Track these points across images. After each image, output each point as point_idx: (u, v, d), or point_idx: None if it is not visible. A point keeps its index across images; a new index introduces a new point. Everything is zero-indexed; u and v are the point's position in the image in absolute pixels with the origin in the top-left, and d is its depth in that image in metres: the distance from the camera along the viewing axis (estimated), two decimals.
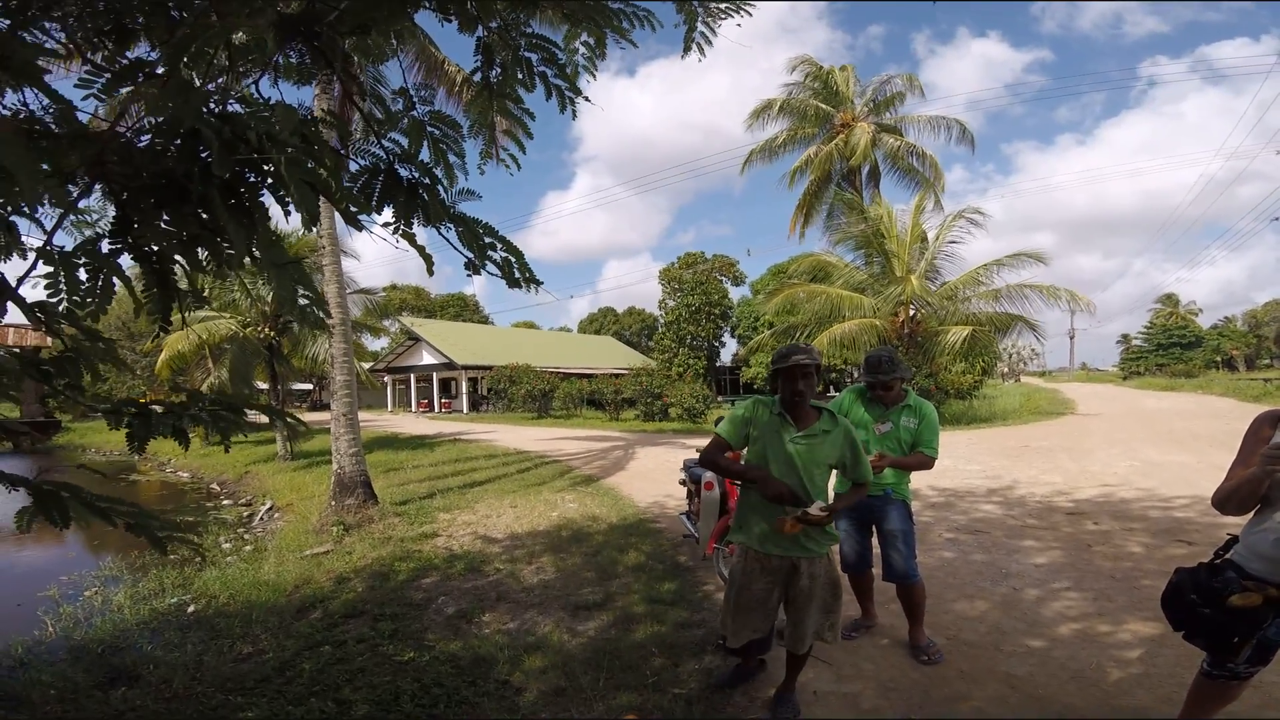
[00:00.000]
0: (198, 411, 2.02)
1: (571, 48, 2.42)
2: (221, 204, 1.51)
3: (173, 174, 1.52)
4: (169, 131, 1.50)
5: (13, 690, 3.95)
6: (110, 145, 1.49)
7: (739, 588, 2.88)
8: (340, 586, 5.48)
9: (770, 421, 2.86)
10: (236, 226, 1.54)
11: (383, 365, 38.06)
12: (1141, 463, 9.85)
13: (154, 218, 1.59)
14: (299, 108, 1.82)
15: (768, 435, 2.84)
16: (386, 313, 25.05)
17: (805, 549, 2.82)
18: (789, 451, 2.80)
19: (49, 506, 1.62)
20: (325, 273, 8.92)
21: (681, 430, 20.05)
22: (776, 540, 2.80)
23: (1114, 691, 3.14)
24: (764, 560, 2.85)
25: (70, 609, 5.60)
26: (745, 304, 41.34)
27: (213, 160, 1.41)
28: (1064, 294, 16.88)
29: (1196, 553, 5.01)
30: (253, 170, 1.63)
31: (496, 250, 2.03)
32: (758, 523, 2.86)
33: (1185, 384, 36.25)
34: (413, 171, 2.03)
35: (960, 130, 22.49)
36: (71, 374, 1.92)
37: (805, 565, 2.83)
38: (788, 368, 2.81)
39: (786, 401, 2.85)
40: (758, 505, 2.85)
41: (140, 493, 14.28)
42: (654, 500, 8.49)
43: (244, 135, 1.48)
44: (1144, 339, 63.66)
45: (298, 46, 1.99)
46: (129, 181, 1.57)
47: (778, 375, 2.88)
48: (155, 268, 1.73)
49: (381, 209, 2.00)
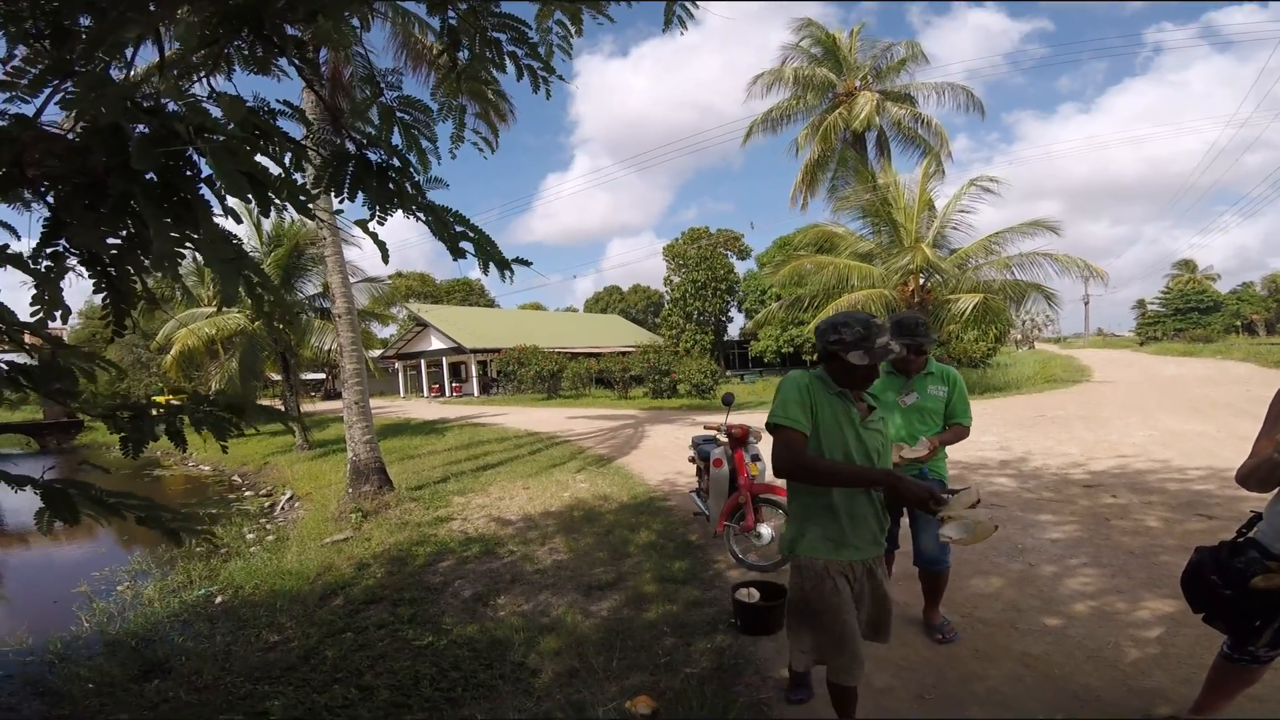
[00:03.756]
0: (195, 413, 2.05)
1: (544, 26, 2.35)
2: (146, 201, 1.47)
3: (96, 172, 1.49)
4: (92, 129, 1.46)
5: (53, 685, 4.10)
6: (32, 145, 1.46)
7: (834, 610, 2.28)
8: (360, 572, 5.58)
9: (832, 404, 2.31)
10: (159, 225, 1.48)
11: (392, 352, 38.25)
12: (1160, 432, 9.74)
13: (87, 219, 1.55)
14: (256, 100, 1.78)
15: (832, 420, 2.29)
16: (393, 300, 25.07)
17: (880, 545, 2.41)
18: (864, 440, 2.31)
19: (58, 504, 1.63)
20: (328, 263, 8.95)
21: (690, 406, 20.07)
22: (858, 543, 2.31)
23: (1131, 672, 3.10)
24: (849, 570, 2.32)
25: (103, 604, 5.74)
26: (751, 277, 41.08)
27: (133, 153, 1.37)
28: (1078, 264, 16.66)
29: (1217, 528, 4.94)
30: (188, 165, 1.59)
31: (468, 237, 2.01)
32: (835, 527, 2.30)
33: (1204, 349, 35.75)
34: (383, 155, 2.00)
35: (967, 96, 22.00)
36: (61, 379, 1.94)
37: (877, 564, 2.42)
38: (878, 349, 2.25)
39: (861, 382, 2.34)
40: (836, 506, 2.30)
41: (164, 487, 14.53)
42: (664, 478, 8.54)
43: (172, 128, 1.44)
44: (1161, 304, 62.75)
45: (247, 36, 1.95)
46: (57, 183, 1.55)
47: (836, 357, 2.33)
48: (102, 271, 1.71)
49: (354, 196, 1.97)
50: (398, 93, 2.27)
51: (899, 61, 22.59)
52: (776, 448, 2.26)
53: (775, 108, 23.17)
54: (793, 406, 2.27)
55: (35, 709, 3.90)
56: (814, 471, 2.24)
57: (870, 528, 2.33)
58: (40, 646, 4.86)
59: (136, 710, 3.58)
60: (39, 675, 4.36)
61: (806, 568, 2.32)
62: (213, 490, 13.40)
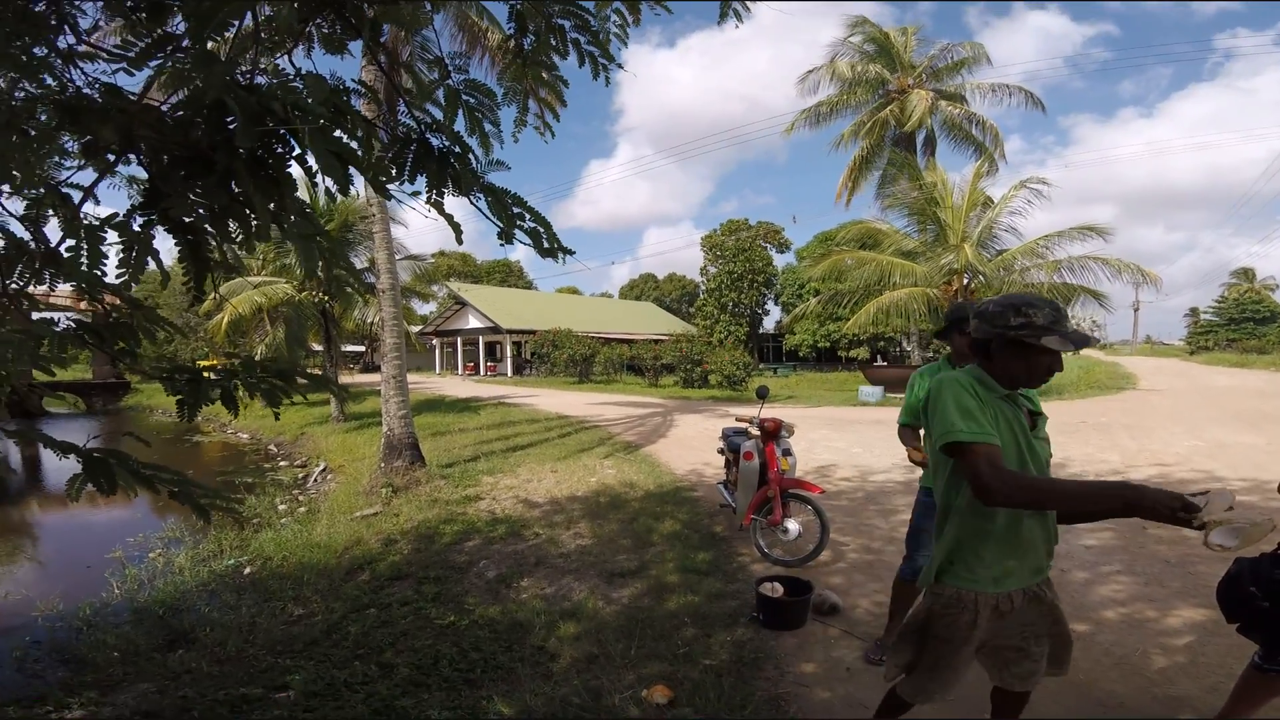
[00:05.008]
0: (249, 379, 2.09)
1: (603, 14, 2.36)
2: (247, 176, 1.53)
3: (200, 146, 1.54)
4: (195, 104, 1.51)
5: (78, 652, 4.21)
6: (139, 118, 1.50)
7: (955, 644, 2.00)
8: (387, 548, 5.68)
9: (1001, 410, 1.92)
10: (261, 198, 1.55)
11: (431, 329, 38.84)
12: (1206, 443, 9.40)
13: (184, 190, 1.60)
14: (332, 79, 1.82)
15: (1008, 431, 1.90)
16: (434, 278, 25.45)
17: (1045, 570, 2.06)
18: (1036, 453, 1.96)
19: (97, 473, 1.68)
20: (375, 239, 9.12)
21: (721, 398, 19.97)
22: (1021, 573, 1.97)
23: (1158, 679, 3.04)
24: (1003, 600, 1.97)
25: (134, 570, 5.89)
26: (790, 271, 40.67)
27: (237, 131, 1.42)
28: (1130, 268, 16.13)
29: None
30: (279, 142, 1.64)
31: (525, 220, 2.03)
32: (998, 556, 1.94)
33: (1258, 360, 34.37)
34: (444, 141, 2.02)
35: (1026, 98, 21.54)
36: (126, 338, 2.00)
37: (1046, 588, 2.07)
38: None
39: (1039, 378, 1.97)
40: (1003, 532, 1.92)
41: (202, 454, 15.00)
42: (691, 468, 8.52)
43: (269, 106, 1.49)
44: (1215, 313, 60.47)
45: (328, 16, 1.99)
46: (158, 154, 1.59)
47: (1020, 345, 1.89)
48: (187, 239, 1.77)
49: (414, 178, 2.00)
50: (464, 76, 2.28)
51: (958, 62, 22.11)
52: (981, 469, 1.74)
53: (824, 102, 22.95)
54: (977, 415, 1.82)
55: (59, 676, 3.99)
56: (1040, 493, 1.81)
57: (1038, 554, 1.99)
58: (70, 612, 4.98)
59: (159, 680, 3.65)
60: (66, 641, 4.49)
61: (952, 598, 1.98)
62: (249, 459, 13.76)
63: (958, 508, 1.96)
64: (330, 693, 3.28)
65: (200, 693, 3.39)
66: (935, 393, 1.94)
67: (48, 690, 3.66)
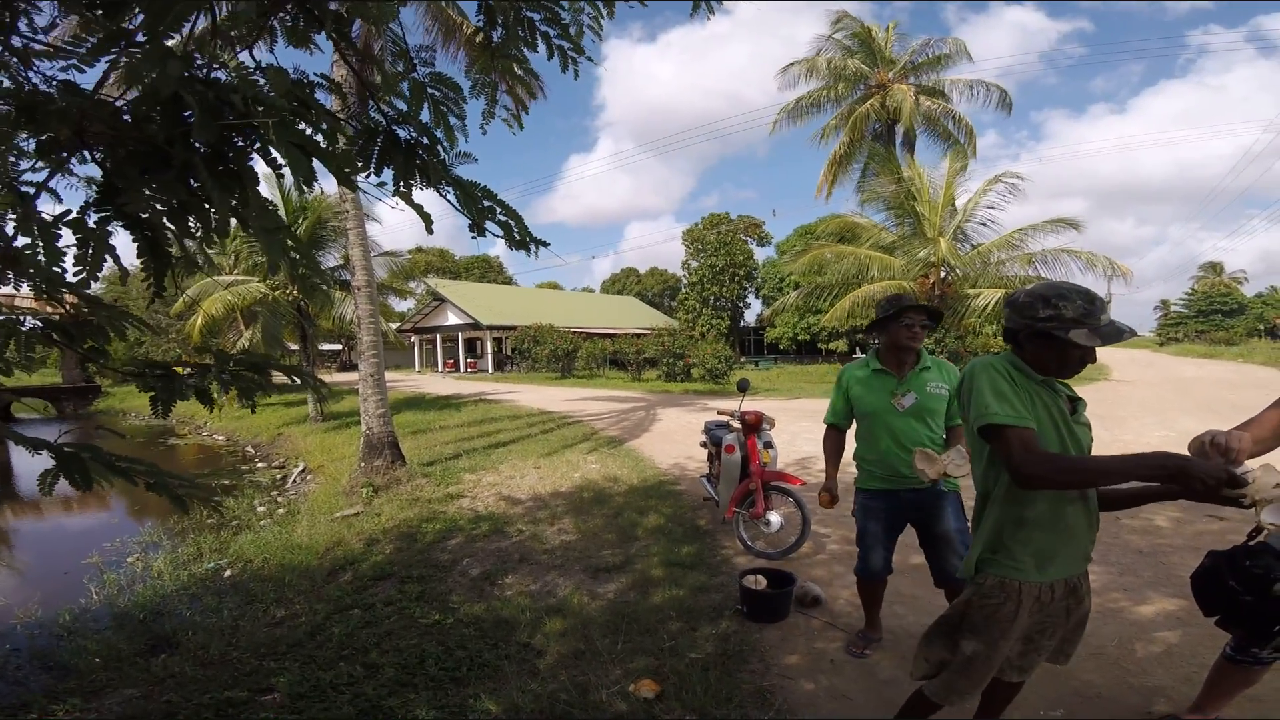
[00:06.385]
0: (222, 373, 2.06)
1: (577, 6, 2.35)
2: (206, 170, 1.50)
3: (156, 141, 1.51)
4: (151, 99, 1.48)
5: (61, 659, 4.12)
6: (93, 113, 1.47)
7: (994, 636, 1.93)
8: (369, 548, 5.62)
9: (1038, 395, 1.89)
10: (221, 193, 1.52)
11: (409, 326, 38.50)
12: (1177, 433, 9.58)
13: (140, 185, 1.57)
14: (295, 72, 1.80)
15: (1045, 416, 1.87)
16: (412, 274, 25.18)
17: (1088, 560, 2.02)
18: (1077, 437, 1.92)
19: (71, 468, 1.64)
20: (350, 236, 9.01)
21: (703, 391, 20.04)
22: (1066, 560, 1.93)
23: (1133, 669, 3.10)
24: (1045, 591, 1.92)
25: (113, 576, 5.78)
26: (770, 265, 40.89)
27: (194, 126, 1.39)
28: (1102, 261, 16.40)
29: (1228, 529, 4.91)
30: (240, 135, 1.62)
31: (497, 213, 2.01)
32: (1045, 543, 1.89)
33: (1225, 351, 35.24)
34: (411, 132, 2.00)
35: (1000, 95, 21.88)
36: (95, 337, 1.96)
37: (1083, 579, 2.03)
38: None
39: (1072, 369, 1.91)
40: (1047, 519, 1.88)
41: (179, 456, 14.75)
42: (674, 462, 8.55)
43: (228, 100, 1.46)
44: (1184, 305, 61.86)
45: (291, 9, 1.96)
46: (114, 149, 1.56)
47: (1049, 337, 1.85)
48: (145, 235, 1.73)
49: (381, 170, 1.98)
50: (430, 69, 2.27)
51: (938, 57, 22.32)
52: (1015, 452, 1.74)
53: (805, 96, 23.05)
54: (1012, 399, 1.81)
55: (42, 683, 3.91)
56: (1076, 472, 1.78)
57: (1083, 541, 1.95)
58: (50, 619, 4.89)
59: (143, 685, 3.59)
60: (48, 648, 4.39)
61: (994, 587, 1.92)
62: (226, 461, 13.54)
63: (996, 496, 1.94)
64: (316, 694, 3.24)
65: (185, 697, 3.33)
66: (970, 377, 1.94)
67: (31, 697, 3.57)
